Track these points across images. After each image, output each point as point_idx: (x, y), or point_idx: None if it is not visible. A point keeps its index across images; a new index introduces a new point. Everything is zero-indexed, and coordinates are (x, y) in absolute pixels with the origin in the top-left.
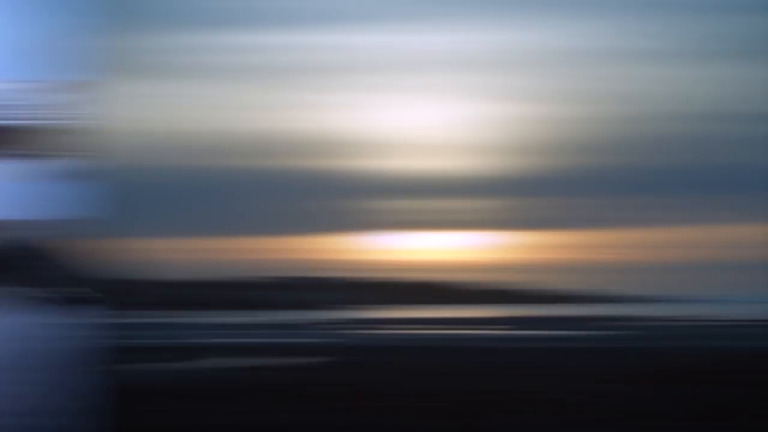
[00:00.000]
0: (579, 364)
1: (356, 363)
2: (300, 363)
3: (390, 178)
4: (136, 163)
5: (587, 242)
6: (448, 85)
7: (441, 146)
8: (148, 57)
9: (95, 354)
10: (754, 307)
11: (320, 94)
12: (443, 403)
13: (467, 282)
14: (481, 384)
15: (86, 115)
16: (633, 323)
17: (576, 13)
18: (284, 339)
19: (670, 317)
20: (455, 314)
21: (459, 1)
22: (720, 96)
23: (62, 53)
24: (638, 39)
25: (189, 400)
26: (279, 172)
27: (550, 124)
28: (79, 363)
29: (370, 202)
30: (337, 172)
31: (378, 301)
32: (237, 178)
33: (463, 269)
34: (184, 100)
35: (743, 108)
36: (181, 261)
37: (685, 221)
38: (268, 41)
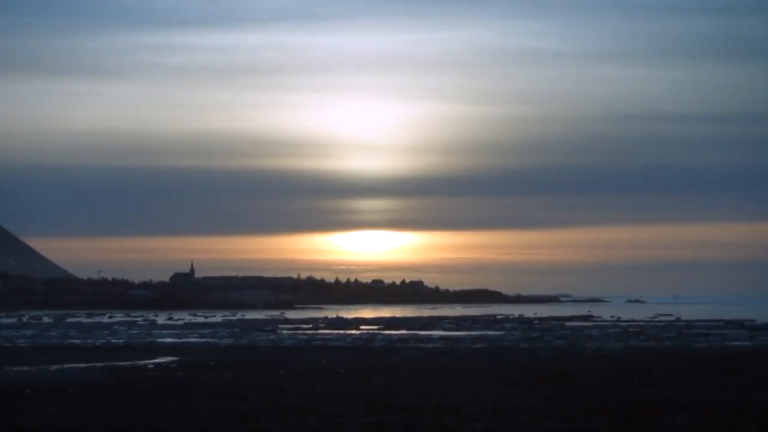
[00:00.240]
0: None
1: None
2: None
3: (329, 178)
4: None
5: (527, 242)
6: (391, 84)
7: (384, 146)
8: (80, 57)
9: None
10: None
11: (258, 94)
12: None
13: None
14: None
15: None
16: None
17: (524, 15)
18: None
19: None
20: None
21: (402, 2)
22: (660, 96)
23: None
24: (584, 40)
25: None
26: (218, 172)
27: (495, 124)
28: None
29: (312, 202)
30: (276, 171)
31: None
32: (175, 177)
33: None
34: (118, 100)
35: (685, 109)
36: None
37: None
38: (206, 41)
